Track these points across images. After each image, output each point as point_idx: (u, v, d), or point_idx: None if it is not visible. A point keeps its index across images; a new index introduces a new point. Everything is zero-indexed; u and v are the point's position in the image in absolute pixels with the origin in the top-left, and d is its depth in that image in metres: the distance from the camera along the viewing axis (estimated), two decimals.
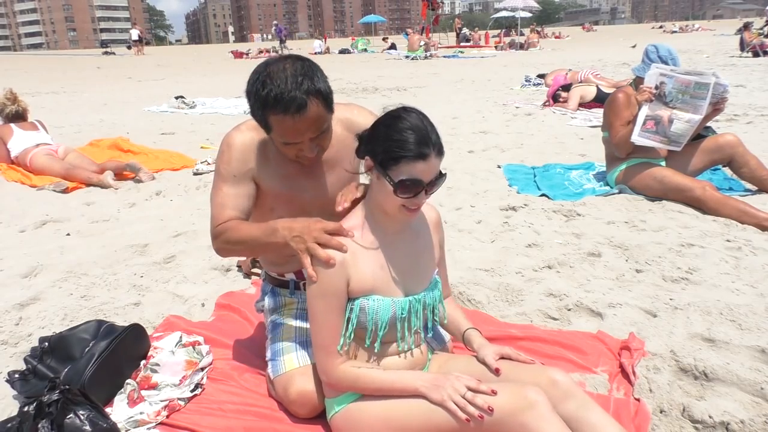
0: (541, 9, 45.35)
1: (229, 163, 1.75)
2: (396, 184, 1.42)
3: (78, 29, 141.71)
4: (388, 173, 1.42)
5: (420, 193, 1.44)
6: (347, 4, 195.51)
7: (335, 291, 1.49)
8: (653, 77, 3.63)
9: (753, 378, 1.83)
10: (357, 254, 1.50)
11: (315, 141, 1.65)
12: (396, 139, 1.41)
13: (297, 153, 1.67)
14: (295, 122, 1.57)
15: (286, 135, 1.61)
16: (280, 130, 1.61)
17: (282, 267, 1.94)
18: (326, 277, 1.48)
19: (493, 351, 1.60)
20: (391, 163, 1.42)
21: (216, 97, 10.94)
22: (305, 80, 1.56)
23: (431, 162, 1.42)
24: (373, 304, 1.51)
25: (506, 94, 10.15)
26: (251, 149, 1.76)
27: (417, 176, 1.41)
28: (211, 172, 5.09)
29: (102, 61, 29.43)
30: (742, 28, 17.43)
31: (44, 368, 1.87)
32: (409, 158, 1.40)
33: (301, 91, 1.54)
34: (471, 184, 4.50)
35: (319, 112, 1.59)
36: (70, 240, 3.54)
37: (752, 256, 2.86)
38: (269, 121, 1.60)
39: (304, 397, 1.73)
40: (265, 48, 31.46)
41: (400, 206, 1.46)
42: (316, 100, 1.57)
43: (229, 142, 1.77)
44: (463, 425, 1.39)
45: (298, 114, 1.55)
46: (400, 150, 1.40)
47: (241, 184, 1.75)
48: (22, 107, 5.32)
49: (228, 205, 1.73)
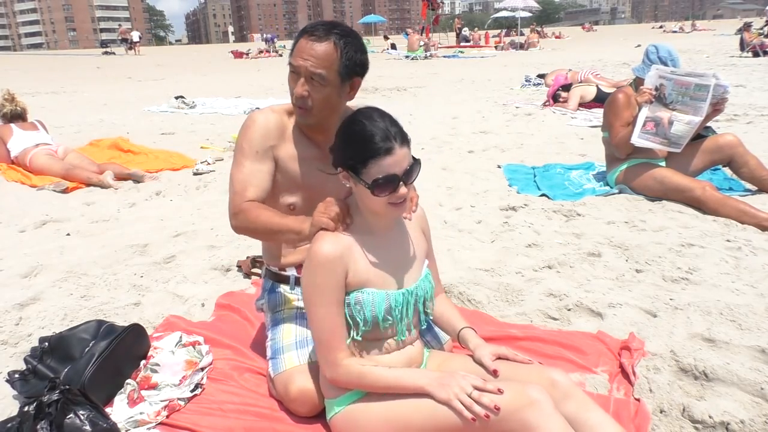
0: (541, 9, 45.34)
1: (252, 140, 1.80)
2: (371, 186, 1.43)
3: (78, 29, 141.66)
4: (361, 177, 1.44)
5: (398, 187, 1.45)
6: (347, 4, 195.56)
7: (336, 284, 1.49)
8: (653, 79, 3.63)
9: (753, 378, 1.83)
10: (352, 248, 1.52)
11: (309, 82, 1.72)
12: (357, 142, 1.44)
13: (293, 89, 1.75)
14: (306, 44, 1.71)
15: (296, 54, 1.73)
16: (294, 51, 1.74)
17: (285, 259, 1.95)
18: (327, 270, 1.48)
19: (490, 352, 1.59)
20: (360, 167, 1.44)
21: (216, 97, 10.93)
22: (339, 32, 1.71)
23: (397, 153, 1.43)
24: (367, 297, 1.52)
25: (506, 94, 10.15)
26: (273, 127, 1.82)
27: (388, 171, 1.42)
28: (211, 172, 5.10)
29: (102, 61, 29.43)
30: (742, 28, 17.44)
31: (44, 368, 1.87)
32: (375, 157, 1.42)
33: (328, 32, 1.70)
34: (471, 184, 4.50)
35: (329, 56, 1.70)
36: (70, 240, 3.54)
37: (752, 256, 2.86)
38: (296, 42, 1.75)
39: (304, 395, 1.73)
40: (265, 48, 31.45)
41: (386, 204, 1.47)
42: (334, 46, 1.70)
43: (253, 120, 1.84)
44: (467, 424, 1.39)
45: (315, 39, 1.70)
46: (364, 152, 1.43)
47: (263, 161, 1.80)
48: (20, 107, 5.32)
49: (250, 182, 1.78)
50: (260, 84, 13.83)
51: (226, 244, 3.34)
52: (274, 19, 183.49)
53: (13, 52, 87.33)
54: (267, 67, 20.23)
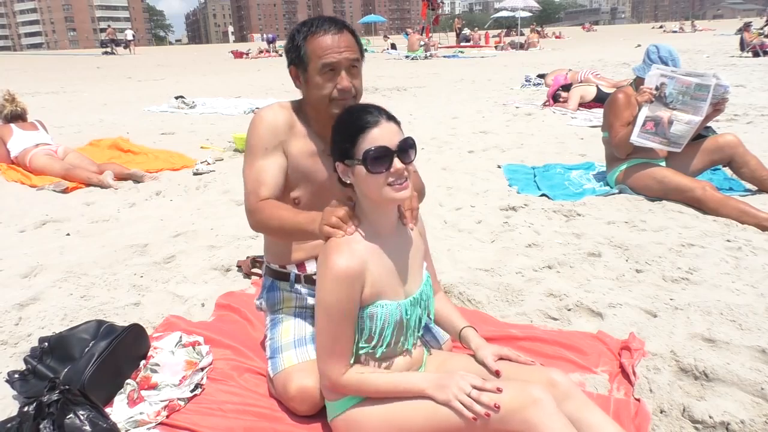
0: (541, 9, 45.32)
1: (261, 137, 1.81)
2: (363, 160, 1.41)
3: (78, 29, 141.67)
4: (354, 158, 1.44)
5: (393, 162, 1.41)
6: (347, 4, 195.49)
7: (353, 299, 1.46)
8: (654, 78, 3.63)
9: (753, 378, 1.83)
10: (366, 258, 1.48)
11: (349, 71, 1.74)
12: (344, 125, 1.47)
13: (333, 87, 1.73)
14: (333, 39, 1.72)
15: (326, 52, 1.71)
16: (320, 50, 1.72)
17: (286, 257, 1.95)
18: (346, 285, 1.44)
19: (492, 352, 1.60)
20: (351, 149, 1.44)
21: (216, 97, 10.93)
22: (341, 21, 1.78)
23: (384, 126, 1.43)
24: (381, 311, 1.50)
25: (506, 94, 10.15)
26: (282, 123, 1.83)
27: (378, 143, 1.41)
28: (211, 172, 5.10)
29: (102, 61, 29.42)
30: (742, 28, 17.45)
31: (44, 368, 1.87)
32: (363, 131, 1.42)
33: (334, 22, 1.76)
34: (471, 184, 4.50)
35: (351, 39, 1.76)
36: (70, 240, 3.54)
37: (752, 256, 2.86)
38: (309, 47, 1.73)
39: (303, 393, 1.73)
40: (266, 48, 31.45)
41: (386, 187, 1.42)
42: (350, 33, 1.76)
43: (261, 117, 1.85)
44: (468, 424, 1.38)
45: (337, 32, 1.73)
46: (351, 129, 1.45)
47: (274, 156, 1.81)
48: (20, 108, 5.32)
49: (264, 180, 1.78)
50: (260, 84, 13.83)
51: (226, 244, 3.34)
52: (274, 19, 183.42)
53: (13, 52, 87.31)
54: (267, 67, 20.22)
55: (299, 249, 1.93)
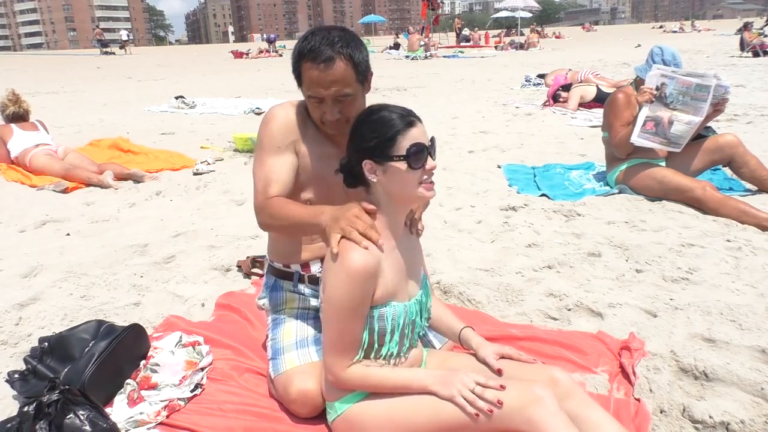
0: (541, 9, 45.31)
1: (273, 135, 1.79)
2: (406, 156, 1.44)
3: (78, 29, 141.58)
4: (391, 155, 1.45)
5: (428, 159, 1.47)
6: (347, 4, 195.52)
7: (366, 297, 1.46)
8: (654, 78, 3.63)
9: (753, 378, 1.83)
10: (380, 258, 1.48)
11: (338, 104, 1.69)
12: (381, 125, 1.47)
13: (321, 115, 1.72)
14: (320, 73, 1.64)
15: (312, 85, 1.68)
16: (308, 80, 1.68)
17: (291, 257, 1.94)
18: (361, 283, 1.44)
19: (493, 351, 1.60)
20: (388, 146, 1.45)
21: (216, 97, 10.93)
22: (340, 42, 1.66)
23: (419, 126, 1.48)
24: (390, 311, 1.51)
25: (506, 94, 10.15)
26: (293, 122, 1.81)
27: (419, 140, 1.45)
28: (211, 172, 5.10)
29: (102, 61, 29.41)
30: (742, 28, 17.44)
31: (44, 368, 1.87)
32: (402, 130, 1.45)
33: (333, 49, 1.64)
34: (471, 184, 4.50)
35: (346, 72, 1.66)
36: (70, 240, 3.54)
37: (752, 256, 2.86)
38: (301, 70, 1.69)
39: (304, 396, 1.73)
40: (266, 48, 31.44)
41: (419, 185, 1.47)
42: (345, 61, 1.65)
43: (273, 115, 1.83)
44: (471, 420, 1.39)
45: (325, 65, 1.63)
46: (390, 129, 1.45)
47: (285, 155, 1.79)
48: (24, 108, 5.31)
49: (272, 179, 1.76)
50: (260, 84, 13.83)
51: (226, 244, 3.34)
52: (274, 19, 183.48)
53: (13, 52, 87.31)
54: (267, 67, 20.23)
55: (305, 249, 1.92)
